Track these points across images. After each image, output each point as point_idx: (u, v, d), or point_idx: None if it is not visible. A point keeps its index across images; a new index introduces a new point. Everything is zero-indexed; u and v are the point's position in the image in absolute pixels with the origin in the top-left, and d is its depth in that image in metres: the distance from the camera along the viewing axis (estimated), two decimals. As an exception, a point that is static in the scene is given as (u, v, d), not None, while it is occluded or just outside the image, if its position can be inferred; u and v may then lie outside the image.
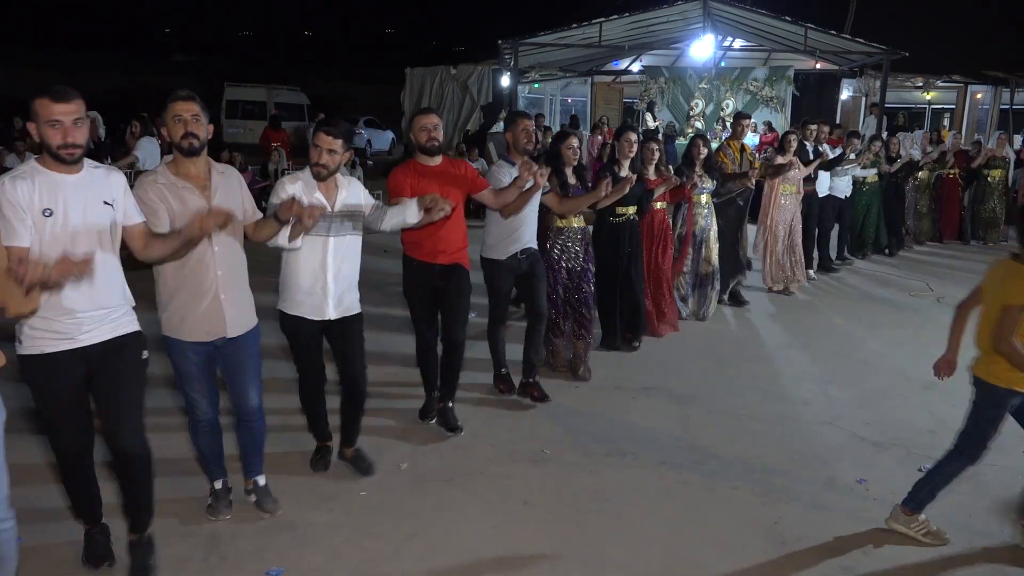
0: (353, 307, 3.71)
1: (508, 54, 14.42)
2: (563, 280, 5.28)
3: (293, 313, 3.62)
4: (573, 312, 5.33)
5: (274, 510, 3.51)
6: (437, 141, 4.11)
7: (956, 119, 18.44)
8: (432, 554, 3.26)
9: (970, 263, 9.75)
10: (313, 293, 3.57)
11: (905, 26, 18.73)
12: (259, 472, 3.60)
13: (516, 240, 4.68)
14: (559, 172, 5.06)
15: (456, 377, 4.50)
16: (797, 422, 4.74)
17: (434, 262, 4.24)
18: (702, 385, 5.33)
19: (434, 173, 4.14)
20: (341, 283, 3.61)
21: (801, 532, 3.49)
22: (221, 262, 3.17)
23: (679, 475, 4.02)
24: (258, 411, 3.45)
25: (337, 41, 64.89)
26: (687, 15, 14.84)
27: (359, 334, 3.77)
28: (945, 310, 7.43)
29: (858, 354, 6.05)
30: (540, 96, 19.96)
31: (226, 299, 3.19)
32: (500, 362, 5.05)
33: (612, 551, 3.32)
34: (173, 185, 3.08)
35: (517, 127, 4.70)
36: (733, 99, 15.70)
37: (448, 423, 4.47)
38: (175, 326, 3.20)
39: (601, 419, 4.70)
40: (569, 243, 5.26)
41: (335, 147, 3.47)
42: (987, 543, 3.46)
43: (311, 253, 3.52)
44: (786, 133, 7.99)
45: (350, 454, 4.00)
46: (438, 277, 4.26)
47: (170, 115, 3.05)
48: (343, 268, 3.61)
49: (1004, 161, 10.98)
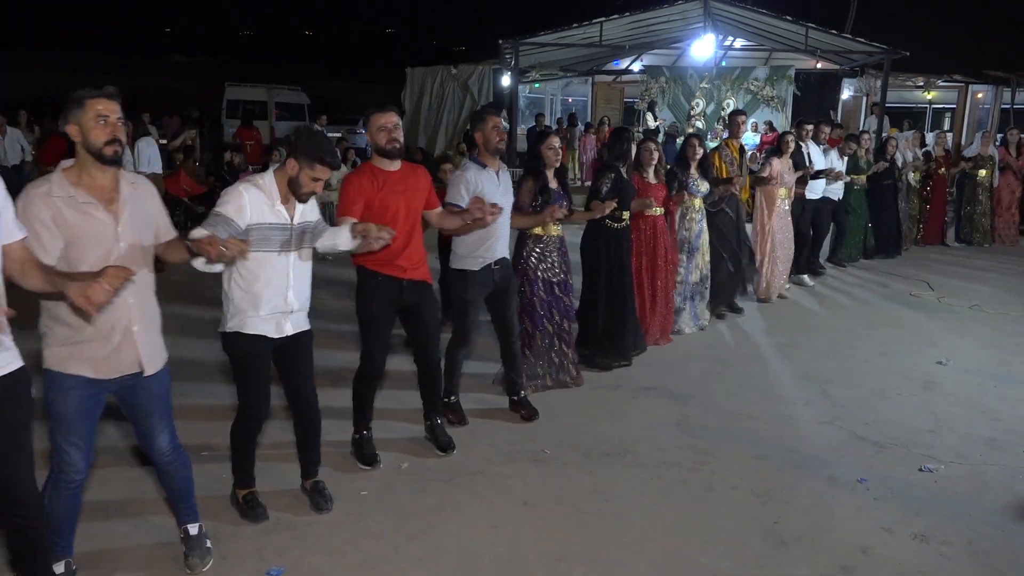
0: (305, 322, 3.44)
1: (508, 54, 14.42)
2: (539, 292, 4.91)
3: (252, 333, 3.26)
4: (553, 326, 5.00)
5: (196, 567, 3.09)
6: (398, 143, 3.75)
7: (957, 119, 18.45)
8: (432, 554, 3.26)
9: (969, 263, 9.76)
10: (273, 310, 3.27)
11: (906, 26, 18.73)
12: (189, 519, 3.14)
13: (490, 249, 4.34)
14: (538, 175, 4.74)
15: (439, 395, 4.27)
16: (797, 422, 4.74)
17: (403, 277, 3.85)
18: (702, 385, 5.33)
19: (394, 179, 3.78)
20: (300, 299, 3.36)
21: (801, 532, 3.49)
22: (133, 289, 2.70)
23: (679, 475, 4.02)
24: (176, 449, 3.05)
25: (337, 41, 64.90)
26: (688, 15, 14.83)
27: (311, 351, 3.50)
28: (945, 310, 7.45)
29: (858, 354, 6.05)
30: (540, 96, 19.99)
31: (139, 331, 2.78)
32: (452, 388, 4.55)
33: (612, 551, 3.32)
34: (72, 199, 2.59)
35: (487, 125, 4.30)
36: (734, 99, 15.69)
37: (440, 441, 4.18)
38: (66, 360, 2.69)
39: (601, 419, 4.70)
40: (547, 252, 4.90)
41: (330, 178, 3.31)
42: (987, 543, 3.45)
43: (275, 270, 3.23)
44: (784, 133, 7.80)
45: (310, 485, 3.64)
46: (407, 294, 3.89)
47: (90, 114, 2.59)
48: (302, 283, 3.36)
49: (990, 160, 10.86)
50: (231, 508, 3.54)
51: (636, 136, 15.01)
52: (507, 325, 4.55)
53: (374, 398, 4.07)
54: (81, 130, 2.59)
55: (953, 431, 4.64)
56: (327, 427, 3.90)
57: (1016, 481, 4.03)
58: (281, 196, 3.21)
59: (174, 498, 3.14)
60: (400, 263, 3.83)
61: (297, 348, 3.42)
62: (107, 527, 3.37)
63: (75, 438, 2.74)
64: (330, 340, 5.56)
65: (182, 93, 33.05)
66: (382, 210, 3.70)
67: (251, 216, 3.11)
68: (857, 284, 8.44)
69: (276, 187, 3.19)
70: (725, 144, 7.14)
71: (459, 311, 4.46)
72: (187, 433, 3.48)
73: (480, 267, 4.34)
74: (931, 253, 10.29)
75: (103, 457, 3.84)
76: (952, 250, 10.56)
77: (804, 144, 7.81)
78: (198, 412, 4.52)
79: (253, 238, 3.08)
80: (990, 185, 10.92)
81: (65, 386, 2.70)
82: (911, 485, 3.96)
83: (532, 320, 4.93)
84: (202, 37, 61.43)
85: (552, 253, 4.92)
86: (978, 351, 6.14)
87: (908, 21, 19.59)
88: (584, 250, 5.54)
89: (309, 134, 3.26)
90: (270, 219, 3.16)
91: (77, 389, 2.71)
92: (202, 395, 4.80)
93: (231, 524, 3.43)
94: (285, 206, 3.21)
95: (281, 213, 3.19)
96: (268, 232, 3.16)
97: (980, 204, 10.87)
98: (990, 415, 4.89)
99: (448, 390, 4.52)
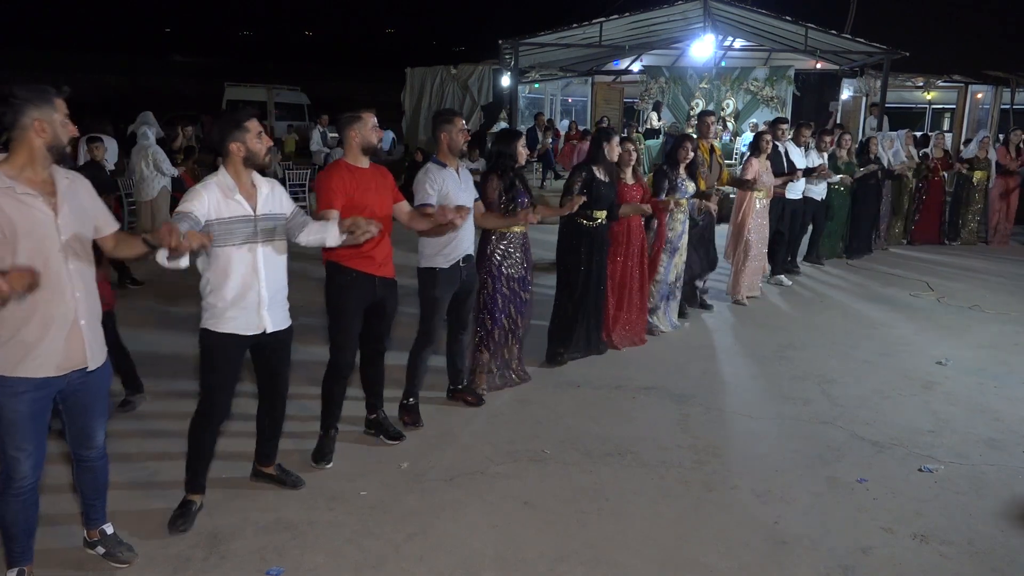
0: (287, 318, 3.45)
1: (508, 54, 14.42)
2: (502, 288, 4.89)
3: (223, 331, 3.25)
4: (509, 321, 4.99)
5: (131, 559, 3.09)
6: (379, 141, 3.97)
7: (957, 119, 18.44)
8: (432, 554, 3.26)
9: (968, 263, 9.77)
10: (246, 306, 3.25)
11: (905, 26, 18.73)
12: (104, 519, 3.12)
13: (458, 246, 4.38)
14: (503, 173, 4.76)
15: (383, 383, 4.29)
16: (797, 422, 4.74)
17: (376, 274, 3.92)
18: (702, 385, 5.34)
19: (367, 177, 3.88)
20: (274, 291, 3.33)
21: (801, 532, 3.49)
22: (78, 282, 2.72)
23: (679, 475, 4.02)
24: (104, 446, 3.02)
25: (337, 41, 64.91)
26: (687, 15, 14.83)
27: (289, 348, 3.52)
28: (945, 310, 7.45)
29: (858, 354, 6.05)
30: (540, 96, 19.97)
31: (86, 325, 2.76)
32: (413, 391, 4.55)
33: (612, 551, 3.32)
34: (10, 189, 2.58)
35: (454, 127, 4.33)
36: (733, 99, 15.71)
37: (390, 431, 4.29)
38: (13, 362, 2.63)
39: (601, 419, 4.70)
40: (511, 249, 4.89)
41: (262, 129, 3.23)
42: (987, 543, 3.45)
43: (239, 262, 3.21)
44: (760, 133, 7.64)
45: (275, 470, 3.77)
46: (379, 290, 3.95)
47: (60, 113, 2.68)
48: (275, 275, 3.33)
49: (987, 163, 10.88)
50: (231, 508, 3.54)
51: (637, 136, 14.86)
52: (461, 320, 4.68)
53: (343, 396, 4.09)
54: (50, 127, 2.64)
55: (953, 431, 4.65)
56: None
57: (1016, 481, 4.03)
58: (240, 187, 3.21)
59: (93, 498, 3.07)
60: (374, 260, 3.89)
61: (276, 345, 3.42)
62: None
63: (26, 444, 2.69)
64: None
65: (182, 93, 33.03)
66: (357, 207, 3.72)
67: (211, 212, 3.12)
68: (856, 285, 8.44)
69: (231, 179, 3.20)
70: None
71: (427, 310, 4.46)
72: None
73: (449, 265, 4.38)
74: (931, 254, 10.29)
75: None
76: (952, 251, 10.56)
77: (780, 144, 7.68)
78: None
79: (216, 233, 3.09)
80: (986, 187, 10.92)
81: (17, 390, 2.64)
82: (911, 485, 3.96)
83: (492, 316, 4.92)
84: (202, 37, 61.41)
85: (516, 250, 4.92)
86: (978, 351, 6.14)
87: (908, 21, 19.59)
88: (560, 247, 5.59)
89: (220, 120, 3.29)
90: (231, 212, 3.17)
91: (29, 392, 2.66)
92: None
93: (231, 524, 3.43)
94: (246, 197, 3.21)
95: (242, 204, 3.19)
96: (230, 226, 3.16)
97: (973, 205, 10.88)
98: (990, 415, 4.90)
99: (409, 392, 4.54)
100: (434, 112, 4.44)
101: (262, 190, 3.29)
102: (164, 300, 7.12)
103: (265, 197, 3.28)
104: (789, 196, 8.01)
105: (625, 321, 6.01)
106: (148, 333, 6.02)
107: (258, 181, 3.31)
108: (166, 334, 6.07)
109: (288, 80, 27.48)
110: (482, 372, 5.02)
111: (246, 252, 3.22)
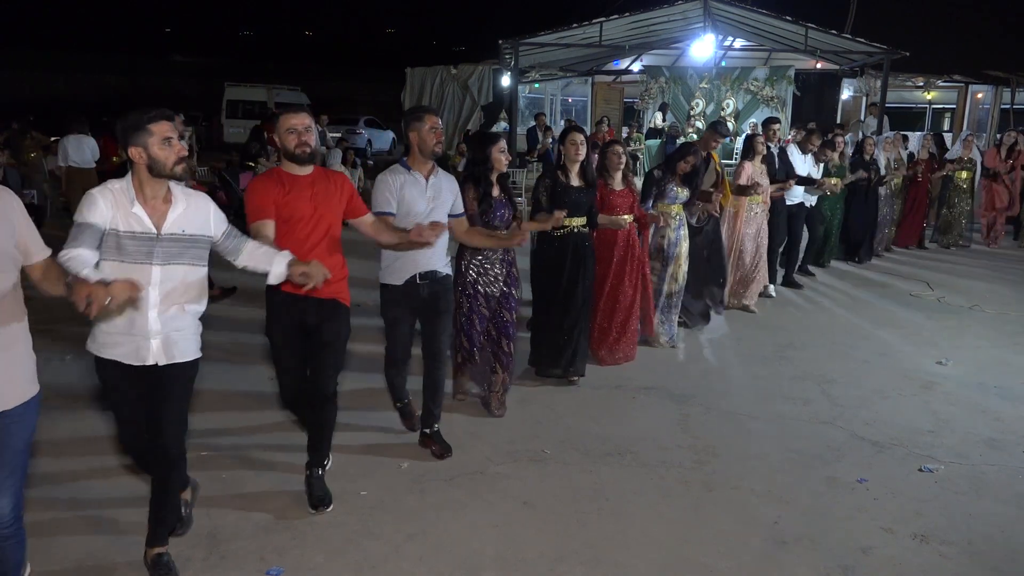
0: (187, 352, 2.90)
1: (508, 54, 14.44)
2: (479, 308, 4.47)
3: (105, 356, 2.82)
4: (491, 343, 4.61)
5: None
6: (309, 147, 3.33)
7: (957, 119, 18.46)
8: (432, 554, 3.26)
9: (968, 263, 9.76)
10: (130, 332, 2.77)
11: (906, 26, 18.73)
12: None
13: (414, 262, 3.89)
14: (478, 181, 4.34)
15: (326, 438, 3.62)
16: (797, 422, 4.74)
17: (308, 294, 3.34)
18: (702, 385, 5.33)
19: (302, 184, 3.36)
20: (170, 322, 2.81)
21: (801, 532, 3.49)
22: None
23: (679, 475, 4.02)
24: (18, 520, 2.53)
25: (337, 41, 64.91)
26: (688, 15, 14.85)
27: (183, 387, 2.93)
28: (945, 310, 7.45)
29: (858, 354, 6.05)
30: (540, 96, 19.99)
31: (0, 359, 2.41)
32: (399, 395, 4.39)
33: (612, 551, 3.31)
34: None
35: (424, 125, 3.82)
36: (733, 99, 15.73)
37: (315, 495, 3.55)
38: None
39: (601, 419, 4.70)
40: (488, 264, 4.45)
41: (171, 135, 2.72)
42: (987, 543, 3.45)
43: None
44: (753, 135, 7.34)
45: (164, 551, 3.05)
46: (311, 315, 3.44)
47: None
48: (174, 305, 2.81)
49: (971, 163, 10.67)
50: (231, 508, 3.53)
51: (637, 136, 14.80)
52: (434, 350, 4.07)
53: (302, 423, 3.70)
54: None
55: (953, 431, 4.65)
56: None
57: (1016, 481, 4.03)
58: (143, 199, 2.72)
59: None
60: None
61: (166, 382, 2.86)
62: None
63: None
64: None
65: (182, 93, 33.04)
66: (285, 216, 3.33)
67: (108, 221, 2.68)
68: (856, 285, 8.43)
69: (134, 190, 2.71)
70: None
71: (386, 329, 4.12)
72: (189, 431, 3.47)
73: (403, 281, 3.91)
74: (931, 254, 10.29)
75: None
76: (952, 251, 10.55)
77: (773, 145, 7.43)
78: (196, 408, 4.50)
79: (107, 245, 2.67)
80: (970, 188, 10.72)
81: None
82: (911, 485, 3.96)
83: (469, 338, 4.53)
84: (202, 37, 61.43)
85: (494, 265, 4.48)
86: (978, 351, 6.14)
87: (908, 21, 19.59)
88: (533, 262, 5.19)
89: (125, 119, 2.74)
90: (128, 226, 2.69)
91: None
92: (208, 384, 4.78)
93: (231, 524, 3.43)
94: (149, 212, 2.72)
95: (141, 220, 2.70)
96: (123, 241, 2.69)
97: (958, 207, 10.67)
98: (990, 415, 4.90)
99: (395, 396, 4.45)
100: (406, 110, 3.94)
101: (176, 206, 2.77)
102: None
103: (178, 215, 2.77)
104: (788, 202, 7.68)
105: (615, 337, 5.53)
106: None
107: (176, 194, 2.80)
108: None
109: (288, 80, 27.53)
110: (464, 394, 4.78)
111: (140, 271, 2.70)
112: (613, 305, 5.50)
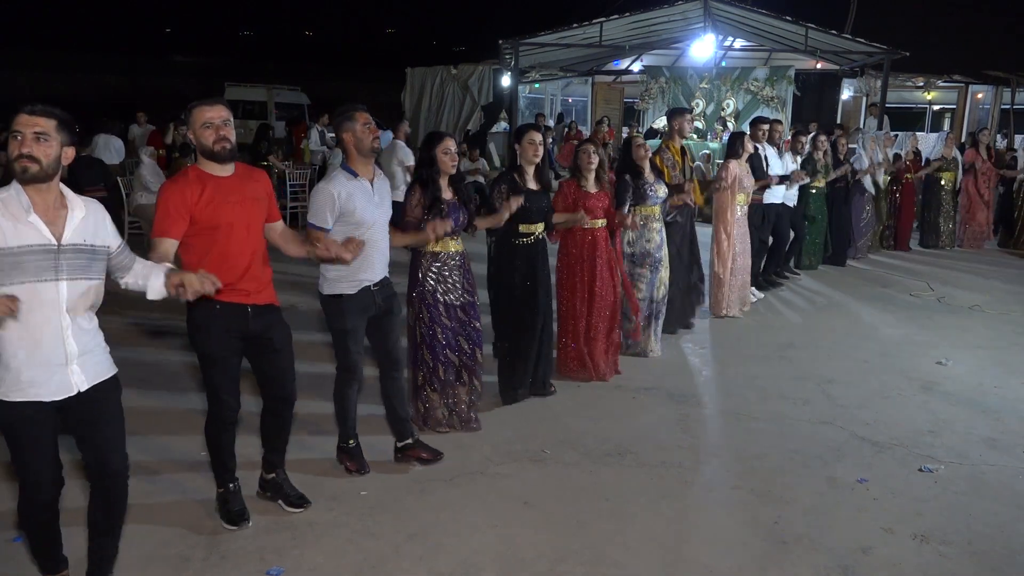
0: (105, 369, 2.65)
1: (508, 54, 14.44)
2: (441, 319, 4.21)
3: (19, 400, 2.47)
4: (459, 356, 4.34)
5: None
6: (229, 143, 3.06)
7: (957, 119, 18.45)
8: (432, 554, 3.26)
9: (967, 264, 9.77)
10: (49, 364, 2.48)
11: (906, 26, 18.70)
12: None
13: (369, 269, 3.66)
14: (426, 184, 4.09)
15: (287, 437, 3.57)
16: (797, 422, 4.74)
17: (246, 302, 3.16)
18: (702, 385, 5.34)
19: (226, 187, 3.08)
20: (86, 340, 2.56)
21: (801, 532, 3.49)
22: None
23: (679, 475, 4.02)
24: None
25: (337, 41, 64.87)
26: (688, 15, 14.84)
27: (116, 406, 2.69)
28: (945, 310, 7.45)
29: (858, 354, 6.05)
30: (540, 96, 19.99)
31: None
32: (348, 432, 3.90)
33: (612, 551, 3.32)
34: None
35: (356, 124, 3.57)
36: (734, 99, 15.71)
37: (290, 497, 3.54)
38: None
39: (601, 419, 4.70)
40: (445, 271, 4.21)
41: (46, 129, 2.41)
42: (987, 543, 3.45)
43: (36, 310, 2.42)
44: (738, 134, 6.98)
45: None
46: (255, 322, 3.21)
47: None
48: (87, 320, 2.57)
49: (954, 163, 10.60)
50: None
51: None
52: (392, 356, 3.90)
53: (233, 445, 3.41)
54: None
55: (953, 431, 4.65)
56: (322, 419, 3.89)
57: (1016, 481, 4.04)
58: (40, 209, 2.44)
59: None
60: (243, 287, 3.14)
61: (96, 407, 2.61)
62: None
63: None
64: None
65: (182, 93, 33.04)
66: (211, 226, 3.03)
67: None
68: (856, 285, 8.44)
69: (26, 196, 2.42)
70: (665, 146, 6.25)
71: (339, 343, 3.77)
72: (186, 431, 3.47)
73: (357, 290, 3.67)
74: (930, 254, 10.30)
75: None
76: (951, 251, 10.56)
77: (761, 145, 7.21)
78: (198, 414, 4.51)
79: (3, 267, 2.36)
80: (952, 188, 10.64)
81: None
82: (911, 485, 3.96)
83: (433, 351, 4.24)
84: (202, 37, 61.37)
85: (452, 272, 4.24)
86: (978, 351, 6.14)
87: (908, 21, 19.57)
88: (489, 271, 4.83)
89: None
90: (22, 239, 2.39)
91: None
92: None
93: (231, 524, 3.42)
94: (46, 221, 2.44)
95: (39, 230, 2.41)
96: (20, 258, 2.39)
97: (942, 208, 10.58)
98: (990, 415, 4.90)
99: (344, 434, 3.92)
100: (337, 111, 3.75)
101: (74, 213, 2.50)
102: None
103: (77, 223, 2.50)
104: (768, 201, 7.43)
105: (593, 349, 5.22)
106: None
107: (71, 201, 2.52)
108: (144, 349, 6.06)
109: (288, 80, 27.49)
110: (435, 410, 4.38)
111: (45, 293, 2.43)
112: (588, 316, 5.17)
